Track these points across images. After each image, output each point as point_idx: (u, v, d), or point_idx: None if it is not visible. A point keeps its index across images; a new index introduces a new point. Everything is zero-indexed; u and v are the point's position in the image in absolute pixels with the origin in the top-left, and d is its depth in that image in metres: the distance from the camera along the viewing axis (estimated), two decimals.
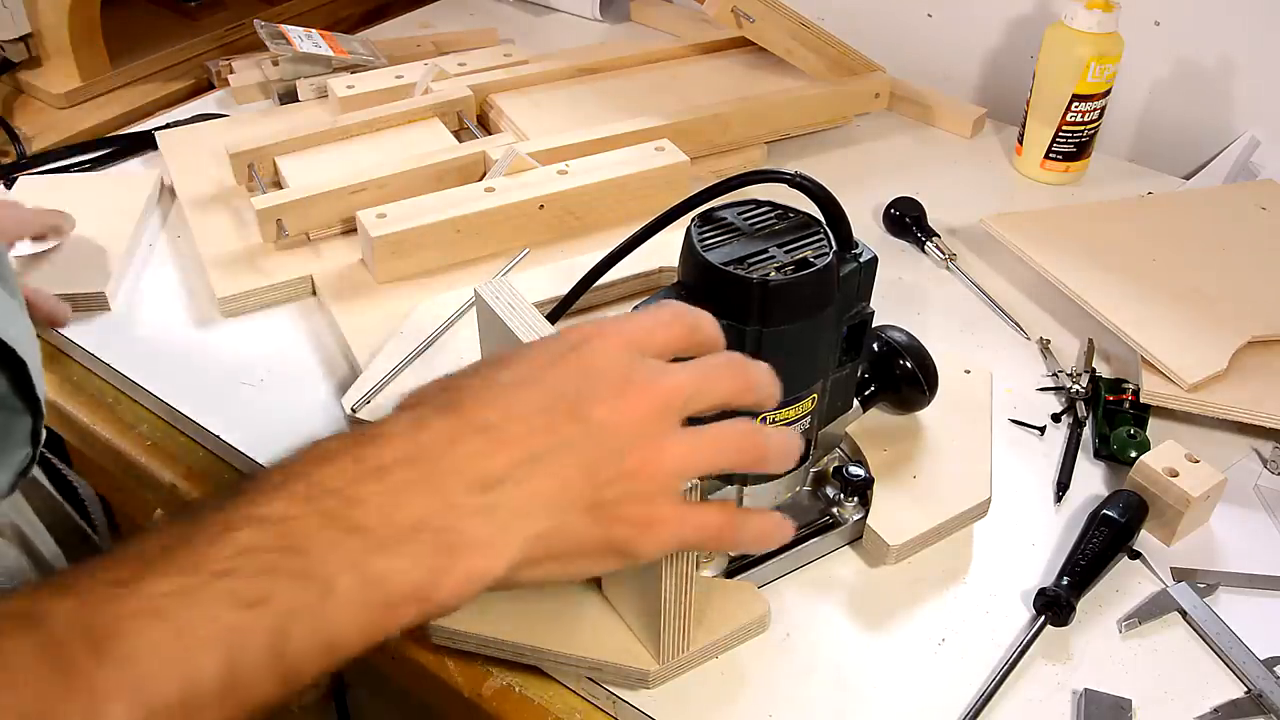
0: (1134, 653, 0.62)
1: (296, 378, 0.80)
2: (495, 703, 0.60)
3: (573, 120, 1.03)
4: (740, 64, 1.18)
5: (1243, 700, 0.59)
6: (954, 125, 1.13)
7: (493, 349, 0.63)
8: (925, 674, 0.61)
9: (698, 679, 0.60)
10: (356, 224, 0.86)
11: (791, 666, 0.61)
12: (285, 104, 1.11)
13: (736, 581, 0.63)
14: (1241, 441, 0.76)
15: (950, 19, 1.20)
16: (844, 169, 1.06)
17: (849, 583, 0.66)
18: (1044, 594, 0.63)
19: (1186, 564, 0.67)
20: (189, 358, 0.81)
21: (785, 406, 0.58)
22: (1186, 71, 1.07)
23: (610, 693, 0.59)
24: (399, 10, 1.38)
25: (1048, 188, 1.05)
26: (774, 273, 0.54)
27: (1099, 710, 0.59)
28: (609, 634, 0.59)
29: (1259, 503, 0.72)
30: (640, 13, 1.36)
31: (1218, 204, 0.96)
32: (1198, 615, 0.63)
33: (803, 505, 0.69)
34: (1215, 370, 0.75)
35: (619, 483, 0.39)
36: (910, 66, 1.19)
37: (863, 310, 0.61)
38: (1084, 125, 1.01)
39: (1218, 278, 0.85)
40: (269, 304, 0.86)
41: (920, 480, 0.68)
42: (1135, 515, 0.67)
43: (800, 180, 0.56)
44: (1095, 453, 0.75)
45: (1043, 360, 0.83)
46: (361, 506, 0.35)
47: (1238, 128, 1.06)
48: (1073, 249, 0.87)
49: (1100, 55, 0.97)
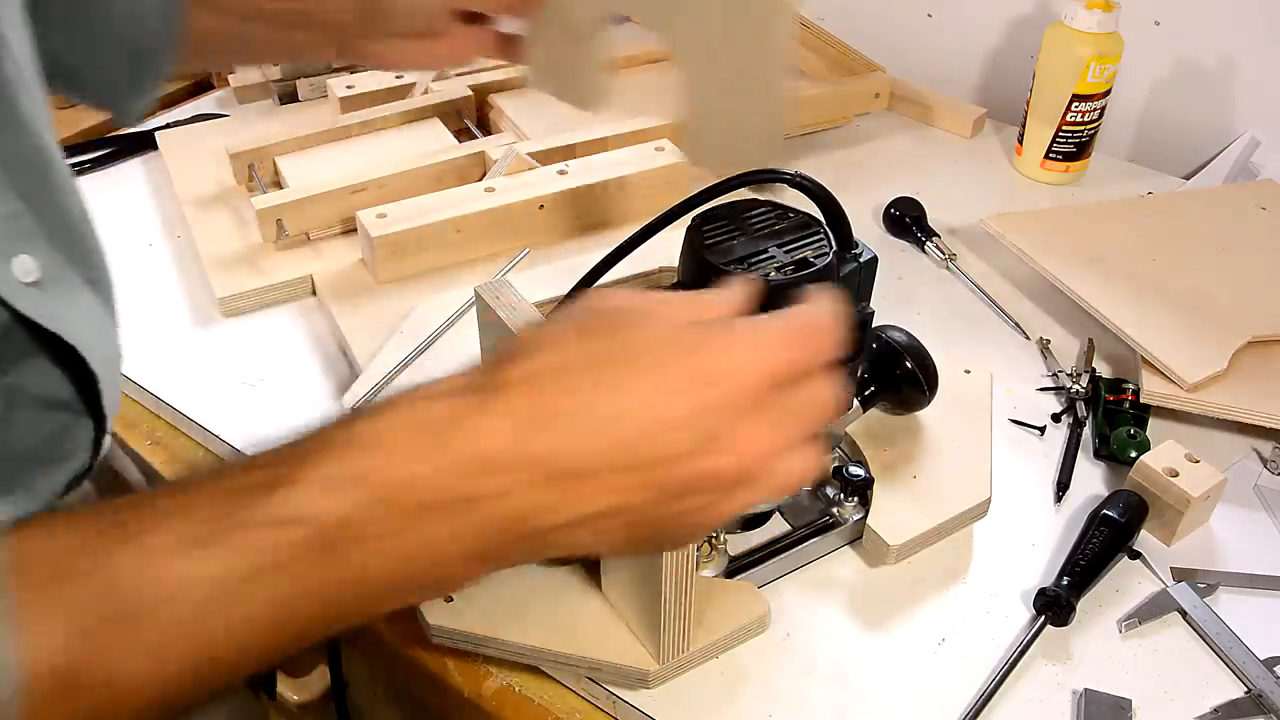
0: (1134, 653, 0.62)
1: (296, 378, 0.80)
2: (495, 703, 0.60)
3: (573, 120, 1.03)
4: None
5: (1243, 700, 0.59)
6: (954, 125, 1.13)
7: (492, 349, 0.63)
8: (925, 674, 0.61)
9: (698, 679, 0.60)
10: (356, 224, 0.86)
11: (791, 666, 0.61)
12: (285, 104, 1.11)
13: (736, 581, 0.63)
14: (1241, 441, 0.76)
15: (950, 19, 1.20)
16: (844, 169, 1.06)
17: (849, 583, 0.66)
18: (1044, 594, 0.63)
19: (1186, 564, 0.67)
20: (189, 358, 0.81)
21: None
22: (1186, 71, 1.07)
23: (610, 693, 0.59)
24: None
25: (1048, 188, 1.05)
26: (774, 273, 0.54)
27: (1099, 710, 0.59)
28: (609, 634, 0.59)
29: (1259, 503, 0.72)
30: None
31: (1218, 204, 0.96)
32: (1198, 615, 0.63)
33: (803, 505, 0.69)
34: (1215, 370, 0.75)
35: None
36: (910, 66, 1.19)
37: (863, 310, 0.61)
38: (1084, 125, 1.01)
39: (1218, 278, 0.85)
40: (269, 304, 0.86)
41: (920, 480, 0.68)
42: (1135, 515, 0.67)
43: (800, 180, 0.56)
44: (1095, 453, 0.75)
45: (1043, 360, 0.83)
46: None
47: (1238, 128, 1.06)
48: (1073, 249, 0.87)
49: (1100, 55, 0.97)
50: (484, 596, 0.61)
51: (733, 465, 0.38)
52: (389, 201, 0.88)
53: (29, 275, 0.44)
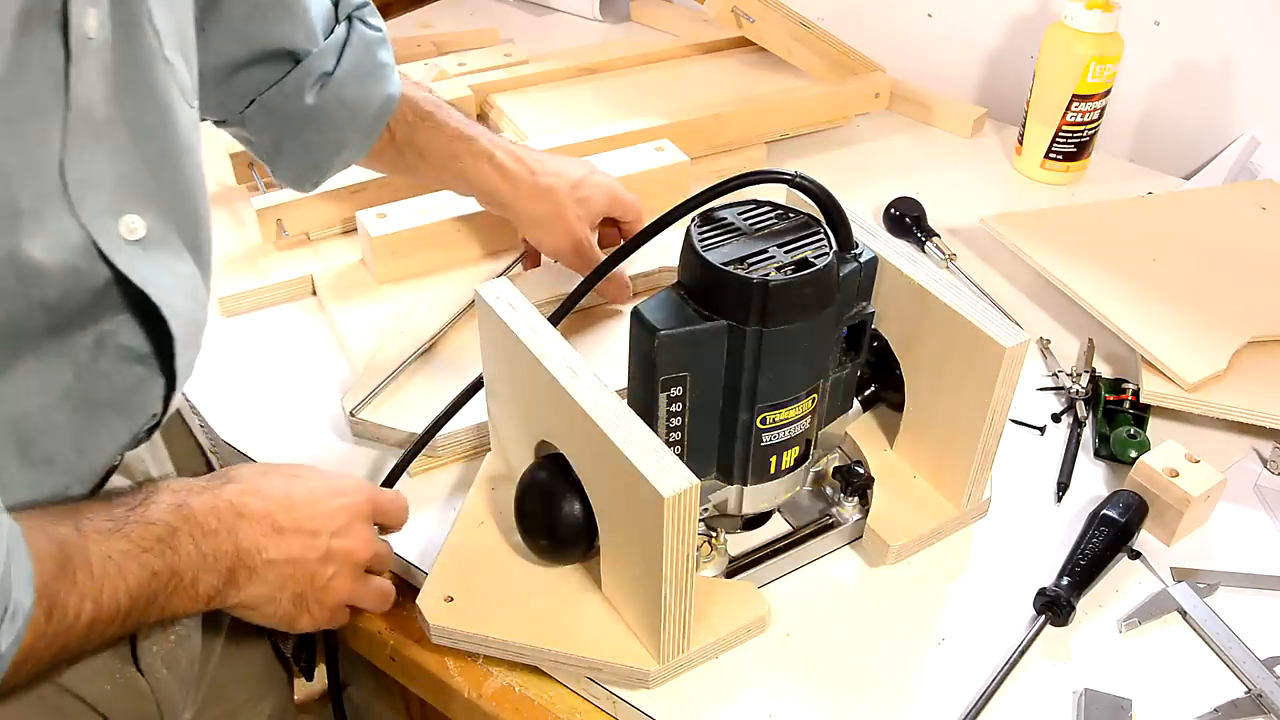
0: (1134, 653, 0.62)
1: (296, 378, 0.80)
2: (495, 703, 0.60)
3: (573, 120, 1.03)
4: (740, 64, 1.18)
5: (1243, 700, 0.59)
6: (954, 125, 1.14)
7: (492, 349, 0.63)
8: (925, 674, 0.61)
9: (698, 679, 0.60)
10: (356, 224, 0.86)
11: (791, 666, 0.61)
12: None
13: (736, 581, 0.63)
14: (1241, 441, 0.76)
15: (950, 19, 1.20)
16: (844, 169, 1.06)
17: (849, 583, 0.66)
18: (1044, 594, 0.63)
19: (1186, 564, 0.67)
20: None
21: (785, 407, 0.58)
22: (1186, 71, 1.07)
23: (610, 693, 0.59)
24: (399, 10, 1.38)
25: (1048, 188, 1.05)
26: (774, 273, 0.54)
27: (1099, 710, 0.59)
28: (609, 634, 0.59)
29: (1259, 503, 0.72)
30: (640, 13, 1.36)
31: (1218, 204, 0.96)
32: (1197, 615, 0.63)
33: (803, 505, 0.69)
34: (1215, 370, 0.75)
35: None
36: (910, 66, 1.19)
37: (863, 310, 0.61)
38: (1084, 125, 1.01)
39: (1218, 278, 0.85)
40: (269, 304, 0.86)
41: (920, 480, 0.68)
42: (1135, 515, 0.67)
43: (800, 180, 0.56)
44: (1095, 453, 0.75)
45: (1043, 360, 0.83)
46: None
47: (1238, 128, 1.06)
48: (1073, 249, 0.87)
49: (1100, 55, 0.97)
50: (484, 596, 0.61)
51: (359, 550, 0.59)
52: (389, 201, 0.88)
53: (134, 234, 0.49)
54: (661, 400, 0.56)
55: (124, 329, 0.51)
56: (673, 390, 0.56)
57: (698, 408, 0.58)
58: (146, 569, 0.49)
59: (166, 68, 0.50)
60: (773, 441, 0.60)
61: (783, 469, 0.62)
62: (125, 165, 0.48)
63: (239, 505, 0.54)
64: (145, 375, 0.53)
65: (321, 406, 0.77)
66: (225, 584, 0.54)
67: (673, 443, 0.59)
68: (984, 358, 0.60)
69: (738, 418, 0.58)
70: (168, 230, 0.51)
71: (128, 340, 0.51)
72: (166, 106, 0.50)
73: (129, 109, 0.48)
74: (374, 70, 0.70)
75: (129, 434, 0.54)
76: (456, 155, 0.76)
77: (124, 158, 0.48)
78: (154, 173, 0.50)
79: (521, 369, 0.59)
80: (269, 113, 0.69)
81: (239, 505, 0.54)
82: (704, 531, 0.64)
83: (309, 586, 0.57)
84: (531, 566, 0.62)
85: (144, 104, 0.49)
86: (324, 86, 0.68)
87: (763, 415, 0.58)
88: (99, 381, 0.51)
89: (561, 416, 0.56)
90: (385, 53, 0.71)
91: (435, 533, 0.67)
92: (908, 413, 0.68)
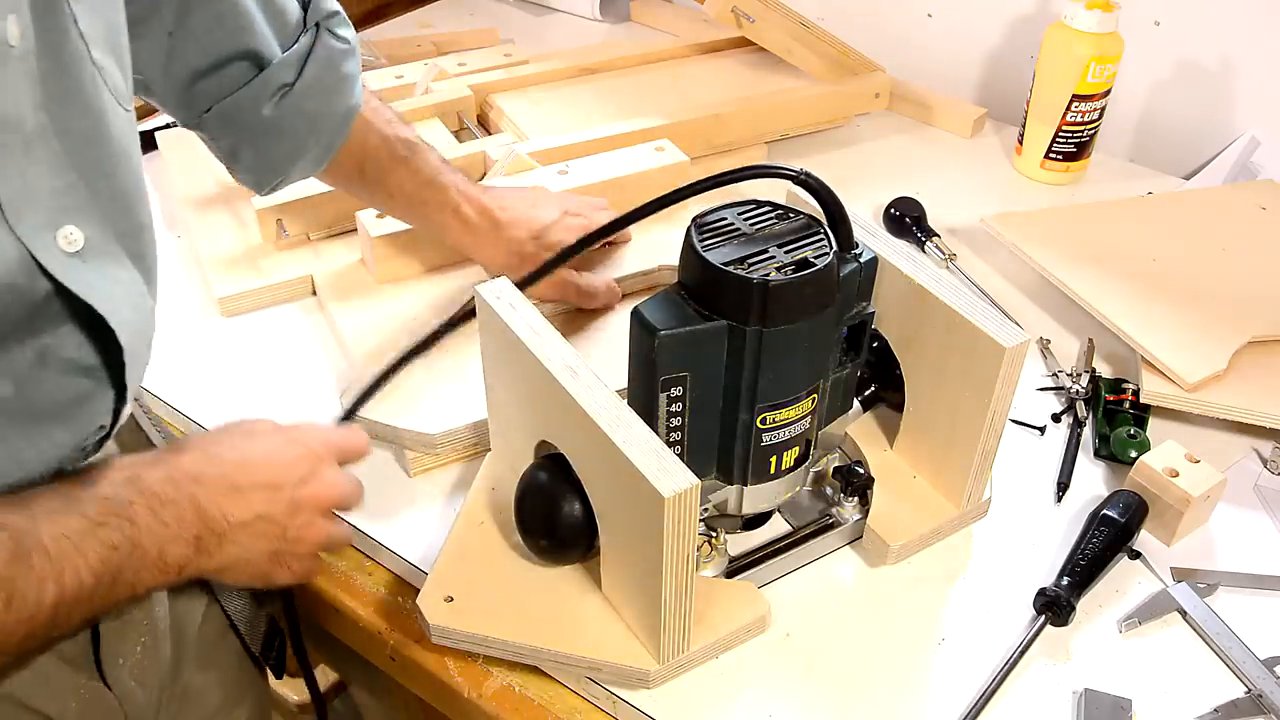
0: (1134, 653, 0.62)
1: (296, 378, 0.80)
2: (495, 703, 0.60)
3: (573, 120, 1.03)
4: (740, 64, 1.18)
5: (1243, 700, 0.59)
6: (954, 125, 1.14)
7: (492, 349, 0.63)
8: (925, 674, 0.61)
9: (698, 679, 0.60)
10: (356, 224, 0.86)
11: (791, 666, 0.61)
12: None
13: (736, 581, 0.63)
14: (1241, 441, 0.76)
15: (950, 19, 1.20)
16: (844, 169, 1.06)
17: (849, 583, 0.66)
18: (1044, 594, 0.63)
19: (1186, 564, 0.67)
20: (189, 358, 0.81)
21: (785, 407, 0.58)
22: (1186, 71, 1.07)
23: (610, 693, 0.59)
24: (399, 10, 1.38)
25: (1048, 188, 1.05)
26: (774, 273, 0.54)
27: (1099, 710, 0.59)
28: (609, 634, 0.59)
29: (1259, 503, 0.72)
30: (640, 13, 1.36)
31: (1218, 204, 0.96)
32: (1197, 615, 0.63)
33: (803, 505, 0.69)
34: (1215, 370, 0.75)
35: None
36: (910, 66, 1.19)
37: (863, 310, 0.61)
38: (1084, 125, 1.01)
39: (1218, 278, 0.85)
40: (269, 304, 0.86)
41: (920, 480, 0.68)
42: (1135, 515, 0.67)
43: (805, 179, 0.56)
44: (1095, 453, 0.75)
45: (1043, 360, 0.83)
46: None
47: (1238, 128, 1.06)
48: (1073, 249, 0.87)
49: (1100, 55, 0.97)
50: (484, 596, 0.61)
51: (324, 494, 0.58)
52: None
53: (72, 245, 0.48)
54: (661, 400, 0.56)
55: (67, 341, 0.50)
56: (673, 390, 0.56)
57: (698, 408, 0.58)
58: (105, 544, 0.49)
59: (96, 72, 0.48)
60: (773, 441, 0.60)
61: (783, 469, 0.62)
62: (59, 176, 0.47)
63: (193, 471, 0.54)
64: (92, 388, 0.52)
65: (321, 406, 0.77)
66: (195, 552, 0.53)
67: (673, 443, 0.59)
68: (984, 358, 0.60)
69: (738, 418, 0.58)
70: (107, 239, 0.50)
71: (71, 353, 0.50)
72: (99, 112, 0.49)
73: (59, 117, 0.46)
74: (336, 84, 0.70)
75: (73, 447, 0.52)
76: (424, 203, 0.77)
77: (57, 168, 0.46)
78: (90, 181, 0.48)
79: (522, 369, 0.59)
80: (226, 120, 0.68)
81: (193, 471, 0.54)
82: (704, 531, 0.64)
83: (282, 540, 0.57)
84: (531, 566, 0.62)
85: (75, 111, 0.47)
86: (283, 98, 0.67)
87: (763, 415, 0.58)
88: (40, 395, 0.49)
89: (562, 416, 0.57)
90: (350, 64, 0.70)
91: (435, 533, 0.67)
92: (908, 413, 0.68)
